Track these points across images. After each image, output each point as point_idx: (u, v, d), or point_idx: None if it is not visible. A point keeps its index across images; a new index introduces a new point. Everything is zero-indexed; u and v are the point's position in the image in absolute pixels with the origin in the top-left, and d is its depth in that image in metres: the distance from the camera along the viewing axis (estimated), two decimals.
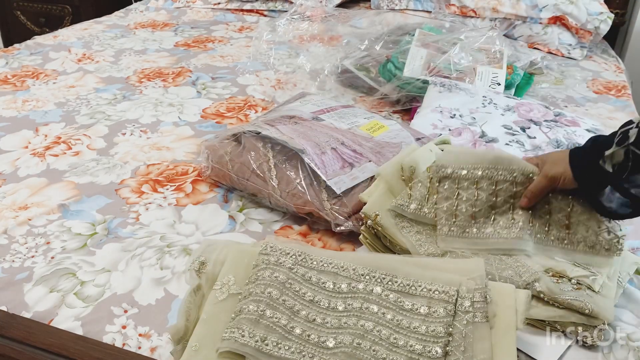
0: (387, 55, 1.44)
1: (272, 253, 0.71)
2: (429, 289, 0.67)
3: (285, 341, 0.64)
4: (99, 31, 1.98)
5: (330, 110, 1.15)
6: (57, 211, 0.98)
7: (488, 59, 1.43)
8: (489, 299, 0.66)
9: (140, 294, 0.80)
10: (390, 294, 0.67)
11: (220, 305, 0.68)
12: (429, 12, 2.01)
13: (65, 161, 1.14)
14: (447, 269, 0.71)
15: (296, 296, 0.68)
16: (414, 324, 0.64)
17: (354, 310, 0.66)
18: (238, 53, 1.78)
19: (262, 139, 1.01)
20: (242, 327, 0.64)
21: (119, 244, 0.90)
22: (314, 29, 1.67)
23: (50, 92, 1.47)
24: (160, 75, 1.58)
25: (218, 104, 1.40)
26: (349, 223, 0.89)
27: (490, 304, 0.66)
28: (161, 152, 1.17)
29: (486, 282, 0.68)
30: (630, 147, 0.71)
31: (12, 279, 0.82)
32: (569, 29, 1.84)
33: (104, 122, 1.30)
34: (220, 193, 1.04)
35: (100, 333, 0.73)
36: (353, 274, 0.69)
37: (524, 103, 1.26)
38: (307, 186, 0.93)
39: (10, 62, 1.67)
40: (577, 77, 1.66)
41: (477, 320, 0.65)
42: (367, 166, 0.96)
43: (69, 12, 2.56)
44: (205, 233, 0.93)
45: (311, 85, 1.47)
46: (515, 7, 1.87)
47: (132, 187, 1.05)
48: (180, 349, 0.66)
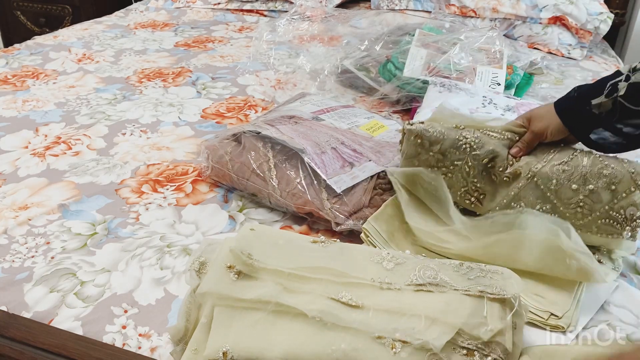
0: (387, 55, 1.44)
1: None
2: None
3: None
4: (99, 31, 1.98)
5: (330, 110, 1.15)
6: (57, 211, 0.98)
7: (488, 59, 1.43)
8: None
9: (140, 294, 0.80)
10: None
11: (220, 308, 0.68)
12: (429, 12, 2.01)
13: (65, 161, 1.14)
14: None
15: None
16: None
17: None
18: (238, 53, 1.78)
19: (262, 138, 1.01)
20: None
21: (119, 244, 0.90)
22: (314, 29, 1.67)
23: (50, 92, 1.47)
24: (160, 75, 1.58)
25: (218, 104, 1.40)
26: (349, 222, 0.89)
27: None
28: (161, 152, 1.17)
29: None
30: (619, 99, 0.76)
31: (12, 279, 0.82)
32: (569, 29, 1.84)
33: (104, 122, 1.30)
34: (220, 193, 1.04)
35: (100, 333, 0.73)
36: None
37: (524, 103, 1.26)
38: (307, 186, 0.93)
39: (10, 62, 1.67)
40: (577, 77, 1.66)
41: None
42: (367, 165, 0.96)
43: (69, 12, 2.56)
44: (205, 233, 0.93)
45: (311, 86, 1.47)
46: (515, 7, 1.87)
47: (132, 187, 1.05)
48: (180, 350, 0.66)
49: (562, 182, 0.83)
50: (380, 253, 0.71)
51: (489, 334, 0.60)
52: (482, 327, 0.60)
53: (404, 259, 0.69)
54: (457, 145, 0.88)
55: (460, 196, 0.90)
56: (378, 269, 0.68)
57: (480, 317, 0.61)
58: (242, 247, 0.67)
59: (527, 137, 0.88)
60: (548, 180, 0.84)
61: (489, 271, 0.67)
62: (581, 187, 0.82)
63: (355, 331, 0.60)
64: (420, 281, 0.65)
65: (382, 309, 0.62)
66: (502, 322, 0.61)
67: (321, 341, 0.60)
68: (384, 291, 0.65)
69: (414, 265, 0.68)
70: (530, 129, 0.87)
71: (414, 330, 0.60)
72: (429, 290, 0.65)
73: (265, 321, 0.62)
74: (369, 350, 0.59)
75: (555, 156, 0.86)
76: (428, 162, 0.89)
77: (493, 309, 0.62)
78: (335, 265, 0.67)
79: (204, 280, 0.67)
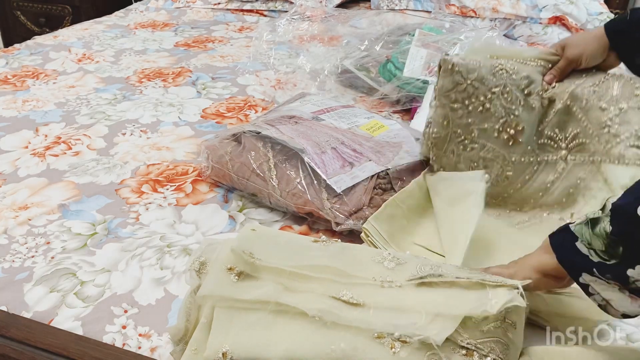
0: (387, 55, 1.44)
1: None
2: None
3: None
4: (99, 31, 1.98)
5: (330, 110, 1.15)
6: (57, 211, 0.98)
7: None
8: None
9: (140, 294, 0.80)
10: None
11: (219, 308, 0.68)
12: (429, 12, 2.01)
13: (65, 161, 1.14)
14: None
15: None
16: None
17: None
18: (238, 53, 1.78)
19: (262, 138, 1.01)
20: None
21: (119, 244, 0.90)
22: (314, 29, 1.67)
23: (51, 92, 1.47)
24: (160, 75, 1.58)
25: (218, 104, 1.40)
26: (349, 222, 0.89)
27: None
28: (161, 152, 1.17)
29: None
30: None
31: (12, 279, 0.82)
32: (569, 29, 1.84)
33: (104, 122, 1.30)
34: (220, 193, 1.04)
35: (100, 333, 0.73)
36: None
37: None
38: (307, 185, 0.93)
39: (10, 62, 1.67)
40: None
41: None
42: (367, 165, 0.96)
43: (69, 12, 2.56)
44: (205, 233, 0.93)
45: (311, 86, 1.47)
46: (515, 7, 1.87)
47: (132, 187, 1.05)
48: (180, 350, 0.66)
49: (592, 101, 0.85)
50: (381, 253, 0.70)
51: (496, 306, 0.59)
52: (488, 305, 0.60)
53: (405, 259, 0.69)
54: (494, 72, 0.89)
55: (498, 131, 0.90)
56: (379, 268, 0.68)
57: (484, 300, 0.61)
58: (243, 247, 0.68)
59: (561, 64, 0.90)
60: (579, 100, 0.86)
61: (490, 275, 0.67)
62: (611, 107, 0.83)
63: (355, 330, 0.60)
64: (421, 274, 0.65)
65: (382, 307, 0.62)
66: (510, 294, 0.60)
67: (321, 340, 0.60)
68: (385, 289, 0.65)
69: (415, 265, 0.68)
70: (564, 55, 0.89)
71: (415, 326, 0.60)
72: (430, 284, 0.64)
73: (265, 321, 0.62)
74: (369, 350, 0.59)
75: (586, 80, 0.88)
76: (466, 92, 0.89)
77: (497, 292, 0.62)
78: (337, 264, 0.67)
79: (204, 283, 0.67)
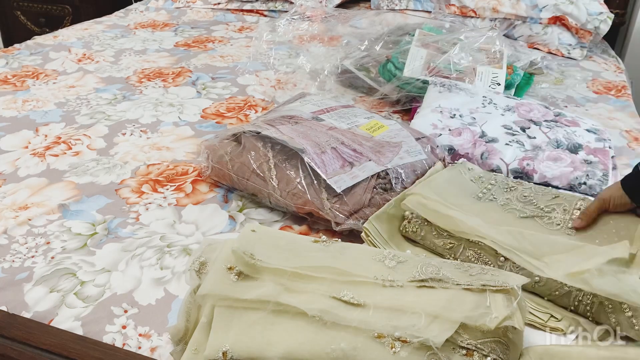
0: (387, 55, 1.44)
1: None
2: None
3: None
4: (99, 31, 1.98)
5: (330, 110, 1.15)
6: (57, 211, 0.98)
7: (488, 59, 1.43)
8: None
9: (140, 294, 0.80)
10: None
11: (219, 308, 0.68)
12: (429, 12, 2.01)
13: (65, 161, 1.14)
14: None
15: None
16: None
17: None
18: (238, 53, 1.78)
19: (262, 138, 1.01)
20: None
21: (119, 244, 0.90)
22: (314, 29, 1.67)
23: (51, 92, 1.47)
24: (160, 76, 1.58)
25: (218, 104, 1.40)
26: (349, 222, 0.89)
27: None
28: (161, 152, 1.17)
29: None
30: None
31: (12, 279, 0.82)
32: (569, 29, 1.84)
33: (104, 122, 1.30)
34: (220, 193, 1.04)
35: (100, 333, 0.73)
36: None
37: (524, 103, 1.26)
38: (307, 185, 0.93)
39: (10, 62, 1.67)
40: (577, 77, 1.66)
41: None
42: (367, 165, 0.96)
43: (69, 12, 2.56)
44: (205, 233, 0.93)
45: (311, 86, 1.47)
46: (515, 7, 1.87)
47: (132, 187, 1.05)
48: (180, 350, 0.66)
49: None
50: (382, 252, 0.71)
51: (495, 321, 0.59)
52: (487, 317, 0.60)
53: (405, 258, 0.69)
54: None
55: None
56: (380, 267, 0.68)
57: (483, 308, 0.61)
58: (244, 248, 0.68)
59: (591, 205, 0.86)
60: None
61: (490, 269, 0.67)
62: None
63: (355, 330, 0.60)
64: (422, 277, 0.65)
65: (383, 307, 0.62)
66: (508, 308, 0.61)
67: (321, 340, 0.60)
68: (386, 289, 0.65)
69: (415, 264, 0.68)
70: (597, 197, 0.87)
71: (414, 328, 0.60)
72: (431, 286, 0.64)
73: (264, 321, 0.62)
74: (368, 350, 0.59)
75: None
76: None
77: (496, 300, 0.62)
78: (337, 264, 0.67)
79: (204, 282, 0.67)
